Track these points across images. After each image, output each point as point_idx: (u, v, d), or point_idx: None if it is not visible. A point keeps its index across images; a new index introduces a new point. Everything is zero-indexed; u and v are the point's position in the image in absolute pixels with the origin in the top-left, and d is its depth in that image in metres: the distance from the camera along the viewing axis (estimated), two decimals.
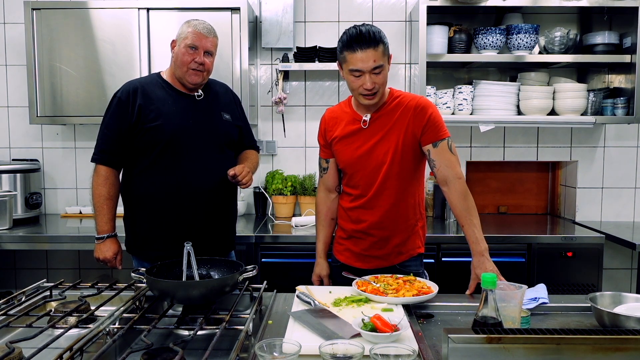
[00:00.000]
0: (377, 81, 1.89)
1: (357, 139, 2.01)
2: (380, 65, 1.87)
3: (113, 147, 2.12)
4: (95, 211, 2.17)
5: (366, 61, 1.85)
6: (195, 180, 2.11)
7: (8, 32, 3.40)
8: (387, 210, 2.02)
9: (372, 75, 1.87)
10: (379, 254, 2.07)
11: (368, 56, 1.84)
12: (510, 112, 3.16)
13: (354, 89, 1.94)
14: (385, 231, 2.04)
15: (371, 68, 1.86)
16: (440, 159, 1.96)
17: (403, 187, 2.01)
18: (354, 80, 1.90)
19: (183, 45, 2.10)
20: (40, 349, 1.20)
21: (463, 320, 1.63)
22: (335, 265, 2.20)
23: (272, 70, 3.39)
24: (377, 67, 1.86)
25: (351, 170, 2.05)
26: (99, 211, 2.16)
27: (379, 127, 1.99)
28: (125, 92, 2.12)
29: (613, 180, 3.42)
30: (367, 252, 2.08)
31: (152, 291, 1.57)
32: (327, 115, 2.14)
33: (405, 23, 3.38)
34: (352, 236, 2.11)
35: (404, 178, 2.01)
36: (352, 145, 2.02)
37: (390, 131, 1.97)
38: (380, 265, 2.07)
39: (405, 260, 2.08)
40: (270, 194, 3.31)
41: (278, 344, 1.25)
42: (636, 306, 1.50)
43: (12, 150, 3.46)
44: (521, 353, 1.03)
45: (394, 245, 2.05)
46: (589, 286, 2.81)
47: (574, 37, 3.20)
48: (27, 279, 3.33)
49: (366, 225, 2.05)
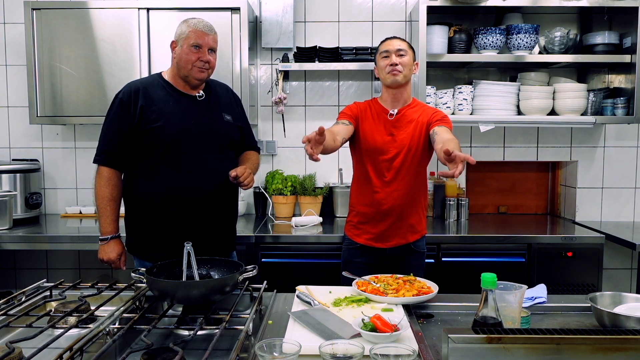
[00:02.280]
0: (401, 61, 2.26)
1: (383, 128, 2.32)
2: (404, 49, 2.28)
3: (115, 148, 2.12)
4: (98, 212, 2.17)
5: (392, 45, 2.30)
6: (196, 181, 2.11)
7: (8, 32, 3.40)
8: (406, 193, 2.30)
9: (397, 56, 2.27)
10: (397, 233, 2.33)
11: (394, 42, 2.31)
12: (510, 112, 3.16)
13: (383, 69, 2.30)
14: (404, 212, 2.31)
15: (396, 49, 2.28)
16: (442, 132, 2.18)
17: (418, 172, 2.33)
18: (383, 60, 2.30)
19: (186, 45, 2.09)
20: (40, 349, 1.20)
21: (463, 320, 1.63)
22: (354, 248, 2.38)
23: (272, 70, 3.39)
24: (400, 50, 2.28)
25: (372, 155, 2.30)
26: (102, 212, 2.15)
27: (403, 120, 2.31)
28: (127, 93, 2.11)
29: (613, 180, 3.42)
30: (388, 232, 2.33)
31: (152, 291, 1.57)
32: (355, 103, 2.41)
33: (405, 23, 3.38)
34: (373, 219, 2.33)
35: (419, 165, 2.32)
36: (378, 132, 2.31)
37: (412, 125, 2.30)
38: (398, 243, 2.33)
39: (418, 239, 2.37)
40: (270, 194, 3.31)
41: (278, 344, 1.25)
42: (636, 306, 1.50)
43: (12, 150, 3.47)
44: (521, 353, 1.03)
45: (409, 224, 2.34)
46: (589, 286, 2.81)
47: (574, 37, 3.20)
48: (27, 279, 3.33)
49: (387, 207, 2.30)
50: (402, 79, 2.27)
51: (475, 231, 2.99)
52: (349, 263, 2.38)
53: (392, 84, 2.28)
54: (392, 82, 2.28)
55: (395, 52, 2.27)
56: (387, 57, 2.29)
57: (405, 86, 2.32)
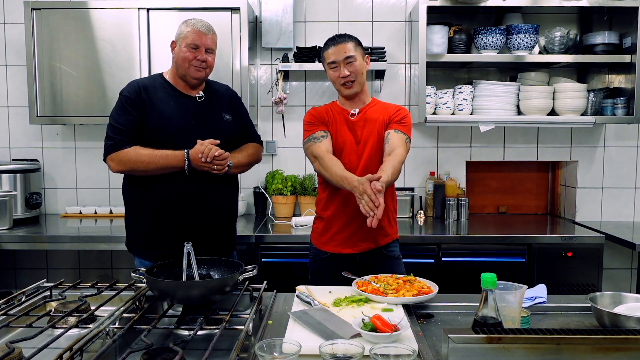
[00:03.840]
0: (352, 70, 2.13)
1: (344, 129, 2.21)
2: (352, 55, 2.12)
3: (125, 137, 2.08)
4: (158, 162, 2.04)
5: (338, 53, 2.13)
6: (196, 181, 2.11)
7: (8, 32, 3.40)
8: None
9: (346, 65, 2.12)
10: (367, 237, 2.17)
11: (339, 49, 2.13)
12: (510, 112, 3.16)
13: (335, 81, 2.18)
14: None
15: (343, 58, 2.12)
16: (394, 140, 2.12)
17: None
18: (333, 72, 2.16)
19: (184, 45, 2.11)
20: (40, 349, 1.20)
21: (463, 320, 1.63)
22: (322, 258, 2.23)
23: (272, 70, 3.39)
24: (348, 57, 2.12)
25: (339, 155, 2.17)
26: (160, 155, 2.04)
27: (365, 120, 2.20)
28: (132, 90, 2.12)
29: (613, 180, 3.42)
30: (356, 236, 2.18)
31: (152, 291, 1.57)
32: (313, 109, 2.28)
33: (405, 23, 3.38)
34: (338, 224, 2.19)
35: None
36: (338, 133, 2.20)
37: (374, 123, 2.19)
38: (369, 248, 2.19)
39: (390, 242, 2.23)
40: (270, 194, 3.31)
41: (278, 344, 1.25)
42: (636, 306, 1.50)
43: (12, 150, 3.47)
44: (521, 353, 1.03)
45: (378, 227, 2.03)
46: (589, 286, 2.81)
47: (574, 37, 3.20)
48: (27, 279, 3.33)
49: (353, 210, 2.08)
50: (358, 87, 2.16)
51: (475, 231, 2.99)
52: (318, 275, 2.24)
53: (349, 95, 2.18)
54: (349, 94, 2.18)
55: (343, 62, 2.11)
56: (336, 67, 2.14)
57: (361, 89, 2.19)
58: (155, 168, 2.05)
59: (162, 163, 2.05)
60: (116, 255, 3.44)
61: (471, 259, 2.80)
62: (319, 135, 2.19)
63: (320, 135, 2.20)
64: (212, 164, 2.06)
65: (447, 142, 3.43)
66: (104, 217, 3.35)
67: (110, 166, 2.11)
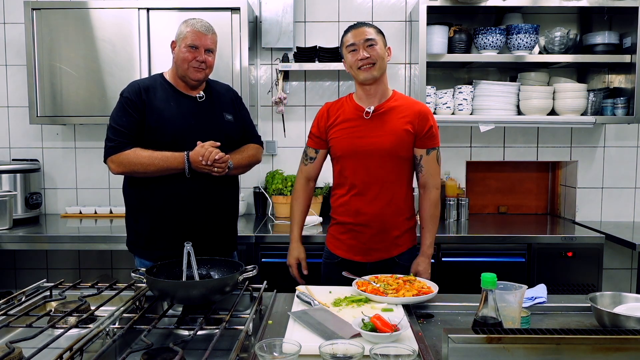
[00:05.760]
0: (372, 53, 2.02)
1: (358, 129, 2.09)
2: (372, 38, 2.03)
3: (125, 138, 2.07)
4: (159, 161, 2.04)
5: (358, 36, 2.03)
6: (197, 181, 2.11)
7: (8, 32, 3.40)
8: (387, 202, 2.10)
9: (366, 48, 2.02)
10: (379, 247, 2.13)
11: (359, 32, 2.03)
12: (510, 112, 3.15)
13: (352, 66, 2.06)
14: (386, 223, 2.11)
15: (363, 40, 2.02)
16: (428, 167, 2.14)
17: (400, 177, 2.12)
18: (351, 56, 2.05)
19: (184, 45, 2.11)
20: (40, 349, 1.20)
21: (463, 320, 1.63)
22: (333, 262, 2.21)
23: (272, 70, 3.39)
24: (369, 40, 2.02)
25: (349, 160, 2.10)
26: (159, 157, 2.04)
27: (381, 120, 2.08)
28: (132, 92, 2.12)
29: (613, 180, 3.42)
30: (368, 245, 2.13)
31: (152, 291, 1.57)
32: (326, 106, 2.22)
33: (405, 23, 3.38)
34: (352, 230, 2.15)
35: (399, 171, 2.11)
36: (353, 134, 2.09)
37: (392, 125, 2.07)
38: (381, 258, 2.14)
39: (403, 251, 2.16)
40: (270, 194, 3.31)
41: (278, 344, 1.25)
42: (636, 306, 1.50)
43: (12, 150, 3.46)
44: (521, 353, 1.03)
45: (394, 236, 2.13)
46: (589, 286, 2.81)
47: (574, 37, 3.20)
48: (27, 279, 3.33)
49: (367, 217, 2.10)
50: (377, 72, 2.03)
51: (475, 231, 2.99)
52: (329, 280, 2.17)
53: (367, 80, 2.04)
54: (367, 79, 2.03)
55: (363, 45, 2.01)
56: (355, 50, 2.02)
57: (381, 79, 2.07)
58: (155, 170, 2.05)
59: (162, 165, 2.05)
60: (116, 255, 3.44)
61: (471, 259, 2.80)
62: (311, 154, 2.21)
63: (311, 157, 2.21)
64: (213, 167, 2.06)
65: (447, 142, 3.42)
66: (104, 217, 3.34)
67: (110, 168, 2.11)
